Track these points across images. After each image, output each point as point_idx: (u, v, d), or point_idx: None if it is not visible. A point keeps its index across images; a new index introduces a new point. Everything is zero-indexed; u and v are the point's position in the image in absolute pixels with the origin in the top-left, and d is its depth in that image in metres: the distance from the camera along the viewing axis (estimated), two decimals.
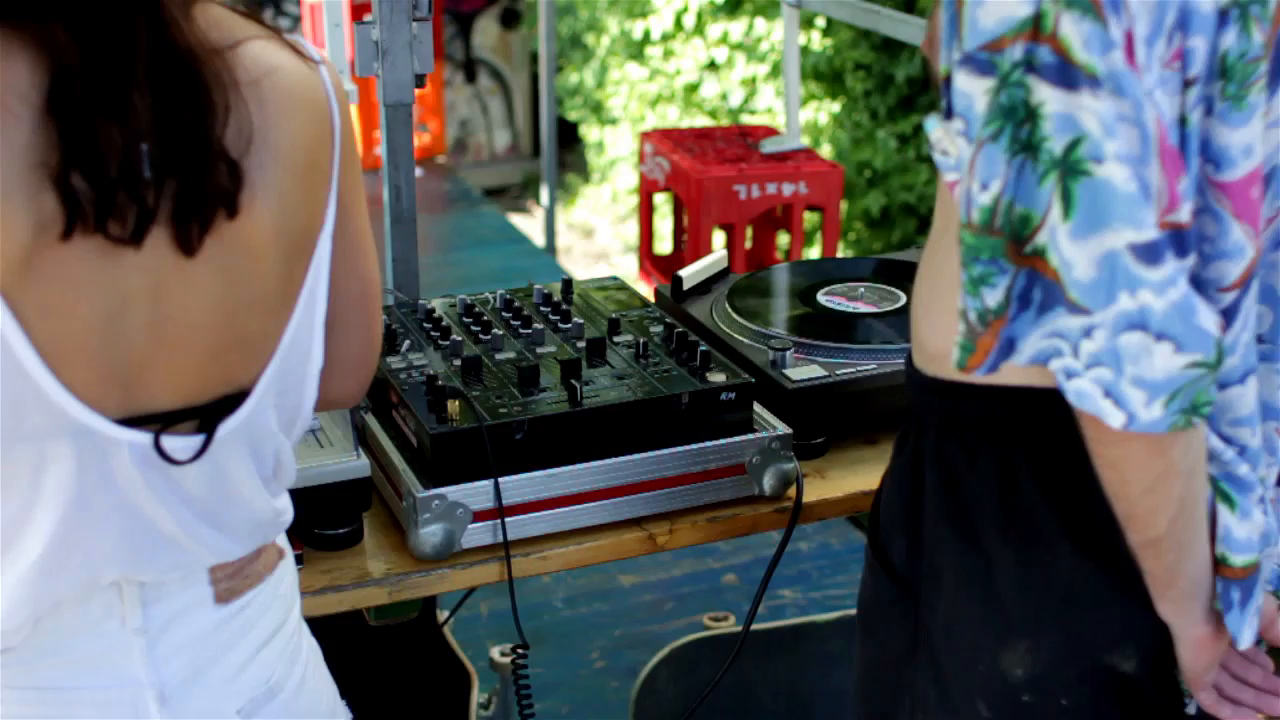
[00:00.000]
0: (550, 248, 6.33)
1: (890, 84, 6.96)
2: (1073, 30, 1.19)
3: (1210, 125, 1.32)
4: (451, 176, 6.97)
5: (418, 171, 6.88)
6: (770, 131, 4.58)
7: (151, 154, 1.18)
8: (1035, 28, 1.20)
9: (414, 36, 2.41)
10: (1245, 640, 1.48)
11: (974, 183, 1.25)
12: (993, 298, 1.28)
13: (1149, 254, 1.21)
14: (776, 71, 7.44)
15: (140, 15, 1.18)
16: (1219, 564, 1.45)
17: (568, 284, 2.33)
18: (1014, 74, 1.21)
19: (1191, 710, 1.57)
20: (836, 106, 7.30)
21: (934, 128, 1.34)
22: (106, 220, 1.18)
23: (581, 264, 9.91)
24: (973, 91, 1.25)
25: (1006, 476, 1.46)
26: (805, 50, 7.14)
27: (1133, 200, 1.20)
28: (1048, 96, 1.20)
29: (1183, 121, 1.30)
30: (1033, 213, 1.24)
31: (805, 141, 7.19)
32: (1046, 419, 1.41)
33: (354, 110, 5.20)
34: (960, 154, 1.29)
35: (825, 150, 7.23)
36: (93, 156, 1.16)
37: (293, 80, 1.31)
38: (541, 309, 2.24)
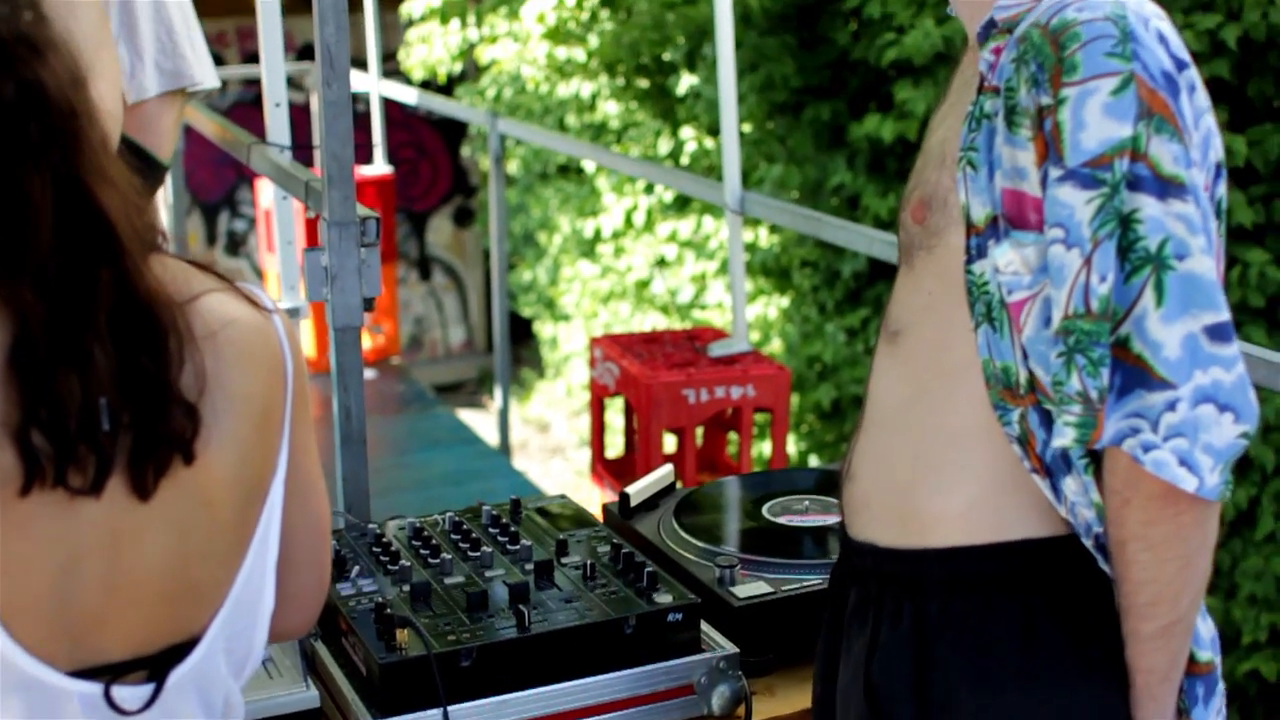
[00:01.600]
0: (504, 448, 6.36)
1: (837, 279, 7.08)
2: (1162, 149, 1.43)
3: None
4: (405, 378, 7.01)
5: (372, 373, 6.94)
6: (718, 334, 4.66)
7: (110, 405, 1.21)
8: (1133, 147, 1.43)
9: (362, 262, 2.46)
10: None
11: (1093, 276, 1.43)
12: (1107, 376, 1.45)
13: (1222, 334, 1.43)
14: (725, 268, 7.56)
15: (105, 268, 1.22)
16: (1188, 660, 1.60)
17: (516, 504, 2.36)
18: (1120, 185, 1.42)
19: None
20: (785, 301, 7.41)
21: (1004, 252, 1.52)
22: (65, 474, 1.21)
23: (537, 459, 9.93)
24: (1074, 202, 1.44)
25: (1027, 624, 1.57)
26: (753, 247, 7.28)
27: (1214, 287, 1.43)
28: (1143, 203, 1.43)
29: None
30: (1119, 307, 1.44)
31: (755, 337, 7.30)
32: (1057, 563, 1.57)
33: (309, 319, 5.21)
34: (1054, 263, 1.46)
35: (775, 345, 7.32)
36: (53, 413, 1.19)
37: (247, 332, 1.36)
38: (490, 530, 2.27)
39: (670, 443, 4.44)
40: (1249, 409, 1.44)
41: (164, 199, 5.08)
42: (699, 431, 4.48)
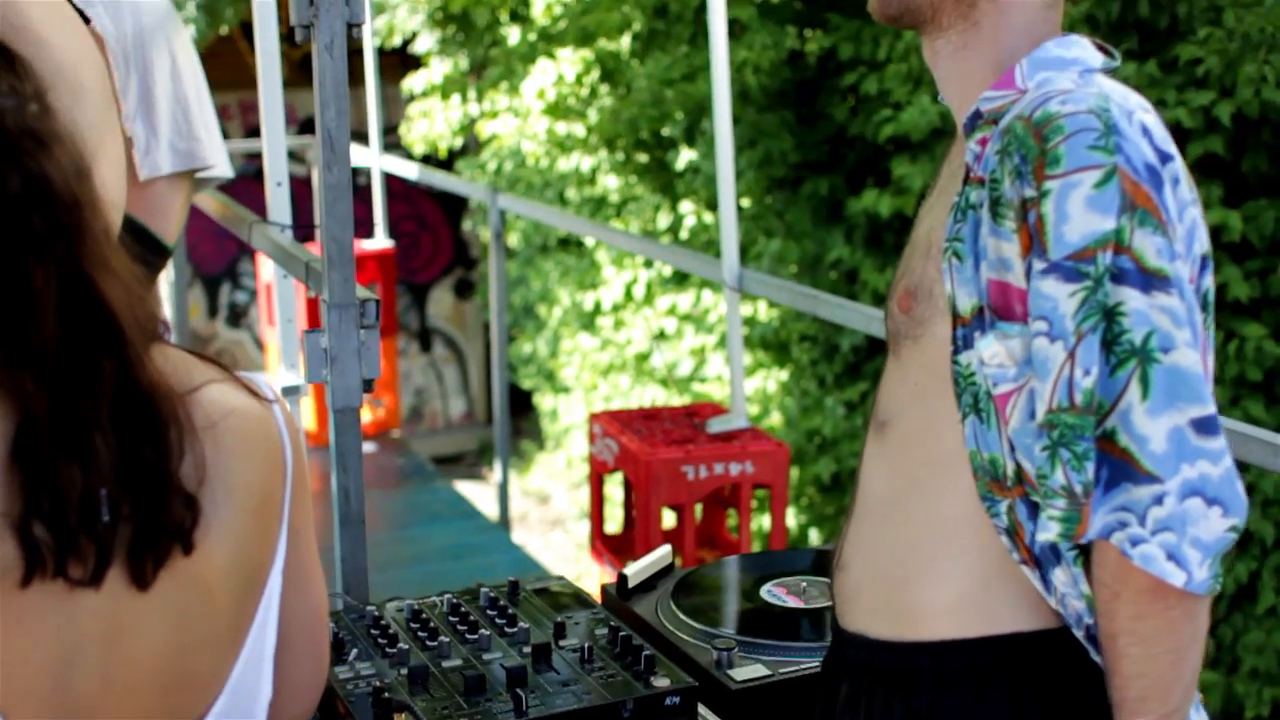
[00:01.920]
0: (504, 522, 6.35)
1: (836, 353, 7.11)
2: (1146, 242, 1.43)
3: None
4: (405, 451, 7.01)
5: (371, 446, 6.93)
6: (717, 410, 4.67)
7: (111, 495, 1.22)
8: (1116, 240, 1.43)
9: (362, 344, 2.48)
10: None
11: (1077, 369, 1.44)
12: (1091, 470, 1.45)
13: (1209, 427, 1.43)
14: (725, 342, 7.59)
15: (107, 357, 1.24)
16: None
17: (514, 585, 2.36)
18: (1104, 278, 1.42)
19: None
20: (784, 375, 7.43)
21: (989, 344, 1.52)
22: (65, 565, 1.21)
23: (538, 531, 9.92)
24: (1058, 295, 1.44)
25: (1019, 718, 1.56)
26: (752, 321, 7.30)
27: (1200, 381, 1.43)
28: (1127, 297, 1.43)
29: None
30: (1105, 400, 1.44)
31: (754, 411, 7.31)
32: (1048, 656, 1.57)
33: (310, 395, 5.24)
34: (1038, 356, 1.46)
35: (775, 418, 7.33)
36: (54, 504, 1.20)
37: (248, 423, 1.37)
38: (488, 612, 2.27)
39: (669, 518, 4.44)
40: (1237, 502, 1.43)
41: (165, 273, 5.11)
42: (698, 508, 4.47)
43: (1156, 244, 1.44)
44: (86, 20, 2.91)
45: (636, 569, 2.43)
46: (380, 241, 7.07)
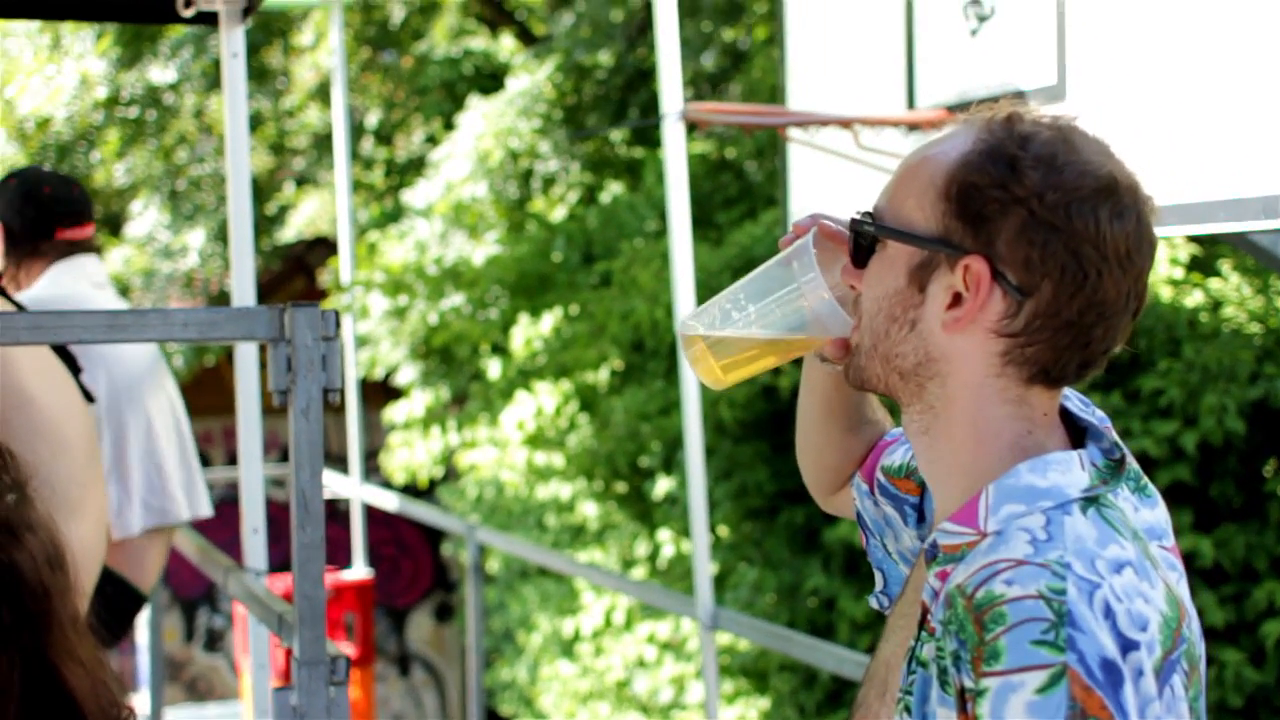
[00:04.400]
0: None
1: (815, 681, 7.06)
2: None
3: None
4: None
5: None
6: None
7: None
8: None
9: (331, 700, 2.48)
10: None
11: None
12: None
13: None
14: (702, 672, 7.55)
15: None
16: None
17: None
18: None
19: None
20: (765, 703, 7.36)
21: None
22: None
23: None
24: None
25: None
26: (731, 649, 7.28)
27: None
28: None
29: None
30: None
31: None
32: None
33: None
34: None
35: None
36: None
37: None
38: None
39: None
40: None
41: None
42: None
43: None
44: (78, 369, 3.00)
45: None
46: (359, 571, 7.09)
